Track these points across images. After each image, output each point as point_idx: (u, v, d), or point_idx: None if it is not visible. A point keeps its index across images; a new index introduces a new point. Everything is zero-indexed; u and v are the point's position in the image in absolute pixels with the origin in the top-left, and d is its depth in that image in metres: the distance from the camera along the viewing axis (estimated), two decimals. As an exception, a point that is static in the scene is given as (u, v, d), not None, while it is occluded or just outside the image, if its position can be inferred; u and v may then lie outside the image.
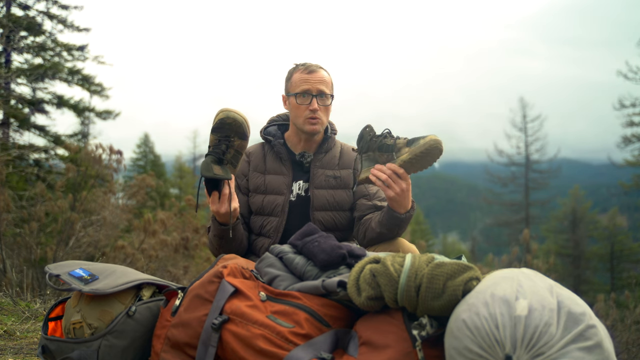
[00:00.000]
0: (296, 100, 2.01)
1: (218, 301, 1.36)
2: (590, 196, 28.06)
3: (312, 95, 1.99)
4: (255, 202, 2.05)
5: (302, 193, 2.05)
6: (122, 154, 6.79)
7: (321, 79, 2.01)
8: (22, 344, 2.20)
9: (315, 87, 2.00)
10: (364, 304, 1.27)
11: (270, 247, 1.66)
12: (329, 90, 2.03)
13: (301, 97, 2.00)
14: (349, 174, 2.10)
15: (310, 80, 2.00)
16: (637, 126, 19.72)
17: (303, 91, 1.99)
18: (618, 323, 5.75)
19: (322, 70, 2.04)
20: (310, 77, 2.00)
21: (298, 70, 2.04)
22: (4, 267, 4.63)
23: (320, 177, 2.06)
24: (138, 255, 6.28)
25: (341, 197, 2.05)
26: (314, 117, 2.00)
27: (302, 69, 2.03)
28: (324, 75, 2.03)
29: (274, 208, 2.02)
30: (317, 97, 1.99)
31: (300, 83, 2.00)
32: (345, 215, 2.07)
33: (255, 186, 2.06)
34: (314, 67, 2.03)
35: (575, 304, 1.07)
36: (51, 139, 10.34)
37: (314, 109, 1.99)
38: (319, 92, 2.00)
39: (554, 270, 10.16)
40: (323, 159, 2.09)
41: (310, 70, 2.02)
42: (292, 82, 2.04)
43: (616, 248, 20.64)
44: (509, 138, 26.02)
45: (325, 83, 2.02)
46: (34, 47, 10.19)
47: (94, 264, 1.68)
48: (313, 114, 1.99)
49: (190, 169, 26.56)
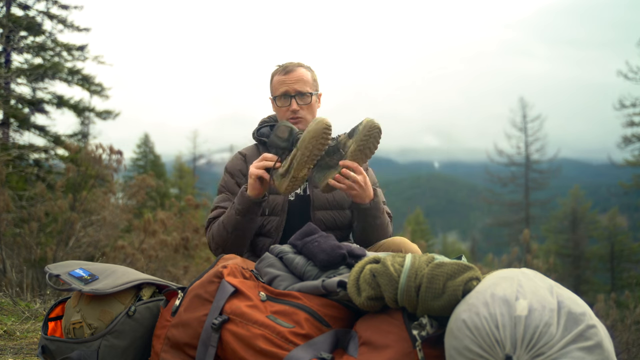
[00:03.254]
0: (276, 103, 2.02)
1: (218, 301, 1.36)
2: (590, 196, 28.07)
3: (291, 96, 1.99)
4: None
5: (301, 192, 2.05)
6: (122, 154, 6.79)
7: (298, 78, 2.00)
8: (22, 344, 2.20)
9: (293, 87, 1.99)
10: (364, 304, 1.27)
11: (270, 247, 1.66)
12: (308, 88, 2.02)
13: (281, 100, 2.00)
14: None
15: (287, 81, 1.99)
16: (637, 126, 19.73)
17: (282, 93, 1.99)
18: (618, 323, 5.75)
19: (299, 69, 2.02)
20: (287, 78, 2.00)
21: (277, 72, 2.04)
22: (4, 267, 4.63)
23: None
24: (138, 255, 6.28)
25: (341, 196, 2.05)
26: (295, 117, 2.00)
27: (280, 70, 2.03)
28: (301, 74, 2.01)
29: (274, 207, 2.00)
30: (295, 97, 1.99)
31: (279, 85, 2.00)
32: (346, 214, 2.06)
33: None
34: (291, 66, 2.02)
35: (575, 304, 1.07)
36: (51, 139, 10.33)
37: (293, 110, 1.99)
38: (297, 92, 1.99)
39: (554, 270, 10.17)
40: None
41: (287, 71, 2.01)
42: (273, 85, 2.05)
43: (616, 248, 20.63)
44: (509, 138, 26.04)
45: (302, 81, 2.01)
46: (34, 47, 10.18)
47: (94, 264, 1.69)
48: (294, 114, 2.00)
49: (190, 169, 26.56)
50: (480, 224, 55.46)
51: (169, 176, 23.41)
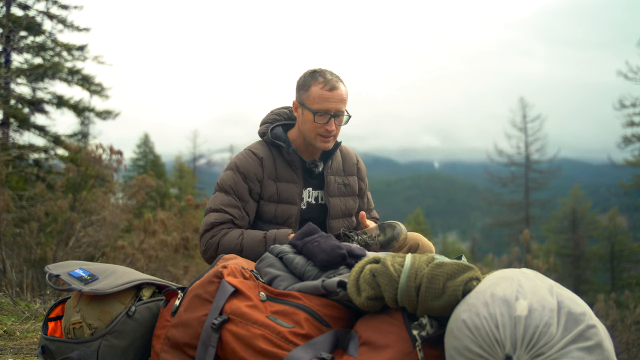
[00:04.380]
0: (314, 117, 1.89)
1: (218, 301, 1.35)
2: (590, 196, 28.07)
3: (331, 115, 1.89)
4: (267, 211, 1.95)
5: (312, 201, 2.01)
6: (122, 154, 6.80)
7: (341, 97, 1.90)
8: (22, 344, 2.20)
9: (335, 107, 1.89)
10: (364, 304, 1.27)
11: (270, 247, 1.66)
12: (345, 108, 1.93)
13: (319, 116, 1.88)
14: (355, 182, 2.13)
15: (331, 99, 1.88)
16: (637, 126, 19.73)
17: (322, 110, 1.88)
18: (618, 323, 5.75)
19: (342, 86, 1.92)
20: (331, 96, 1.88)
21: (318, 82, 1.90)
22: (4, 267, 4.63)
23: (334, 185, 2.04)
24: (138, 255, 6.28)
25: (350, 205, 2.08)
26: (329, 136, 1.92)
27: (322, 82, 1.89)
28: (343, 93, 1.91)
29: (288, 218, 1.95)
30: (335, 117, 1.90)
31: (320, 100, 1.88)
32: (352, 221, 2.10)
33: (268, 195, 1.95)
34: (334, 82, 1.90)
35: (575, 304, 1.06)
36: (51, 139, 10.33)
37: (330, 130, 1.90)
38: (338, 112, 1.90)
39: (554, 270, 10.17)
40: (332, 166, 2.07)
41: (331, 87, 1.88)
42: (311, 95, 1.90)
43: (616, 248, 20.63)
44: (509, 138, 26.04)
45: (344, 102, 1.91)
46: (33, 47, 10.18)
47: (94, 264, 1.68)
48: (328, 134, 1.91)
49: (190, 169, 26.56)
50: (480, 224, 55.47)
51: (169, 176, 23.40)
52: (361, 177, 2.17)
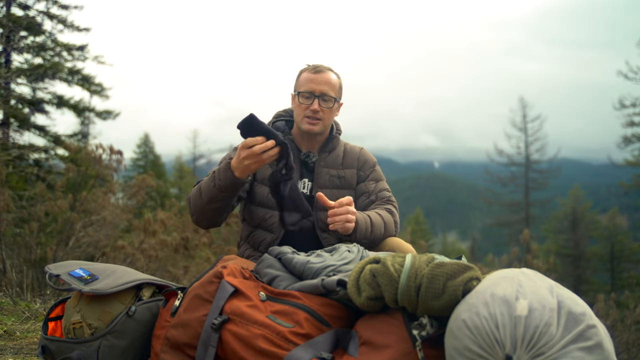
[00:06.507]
0: (299, 98, 2.00)
1: (218, 301, 1.35)
2: (590, 196, 28.08)
3: (315, 95, 1.98)
4: (260, 193, 2.01)
5: (307, 192, 2.04)
6: (122, 154, 6.80)
7: (327, 80, 2.00)
8: (22, 344, 2.20)
9: (319, 88, 1.98)
10: (364, 304, 1.27)
11: (269, 248, 1.67)
12: (333, 93, 2.01)
13: (304, 97, 1.99)
14: (353, 173, 2.10)
15: (315, 80, 1.99)
16: (637, 126, 19.74)
17: (306, 90, 1.99)
18: (618, 323, 5.75)
19: (330, 72, 2.03)
20: (315, 77, 2.00)
21: (307, 70, 2.04)
22: (4, 267, 4.63)
23: (325, 177, 2.05)
24: (138, 255, 6.28)
25: (341, 198, 2.05)
26: (314, 117, 1.99)
27: (310, 68, 2.03)
28: (330, 78, 2.02)
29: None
30: (319, 97, 1.98)
31: (306, 82, 2.00)
32: None
33: (262, 177, 2.03)
34: (322, 68, 2.03)
35: (575, 304, 1.06)
36: (51, 139, 10.34)
37: (314, 110, 1.98)
38: (322, 93, 1.98)
39: (554, 270, 10.16)
40: (327, 159, 2.09)
41: (317, 71, 2.01)
42: (299, 81, 2.04)
43: (616, 248, 20.64)
44: (509, 138, 26.07)
45: (330, 85, 2.00)
46: (34, 47, 10.19)
47: (94, 264, 1.68)
48: (313, 114, 1.98)
49: (190, 168, 26.56)
50: (480, 224, 55.48)
51: (169, 176, 23.42)
52: (361, 167, 2.14)
